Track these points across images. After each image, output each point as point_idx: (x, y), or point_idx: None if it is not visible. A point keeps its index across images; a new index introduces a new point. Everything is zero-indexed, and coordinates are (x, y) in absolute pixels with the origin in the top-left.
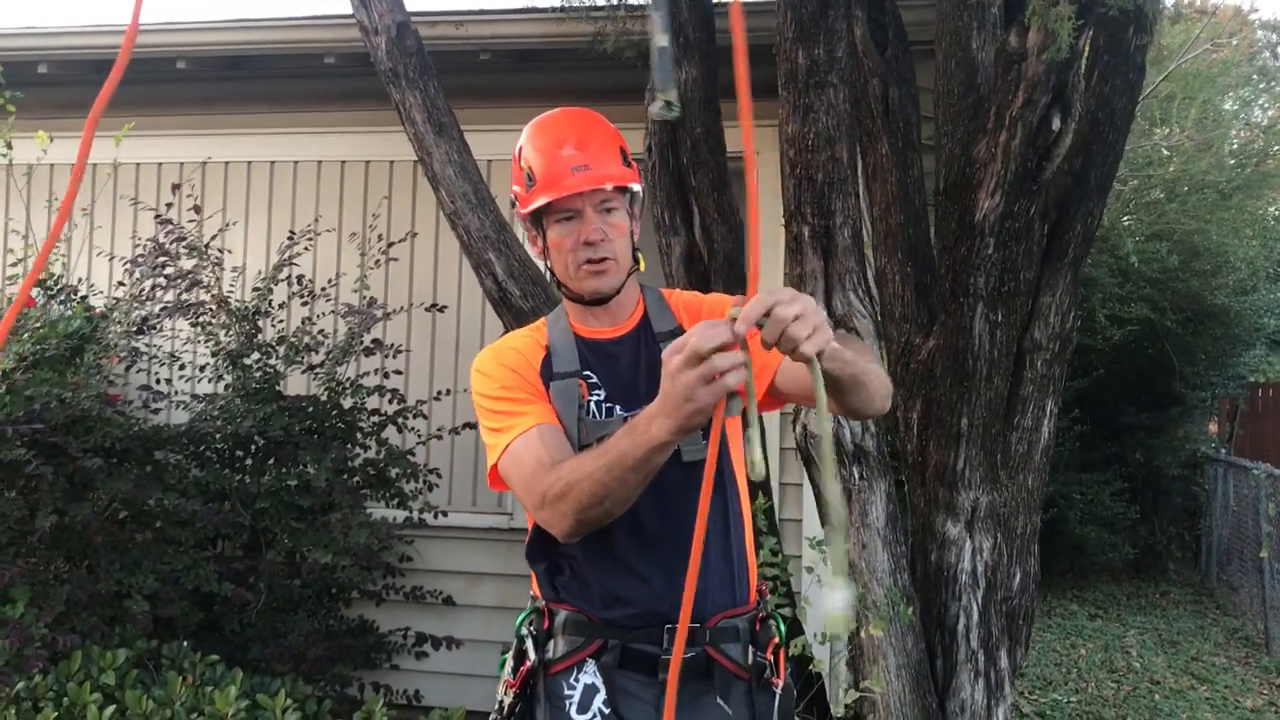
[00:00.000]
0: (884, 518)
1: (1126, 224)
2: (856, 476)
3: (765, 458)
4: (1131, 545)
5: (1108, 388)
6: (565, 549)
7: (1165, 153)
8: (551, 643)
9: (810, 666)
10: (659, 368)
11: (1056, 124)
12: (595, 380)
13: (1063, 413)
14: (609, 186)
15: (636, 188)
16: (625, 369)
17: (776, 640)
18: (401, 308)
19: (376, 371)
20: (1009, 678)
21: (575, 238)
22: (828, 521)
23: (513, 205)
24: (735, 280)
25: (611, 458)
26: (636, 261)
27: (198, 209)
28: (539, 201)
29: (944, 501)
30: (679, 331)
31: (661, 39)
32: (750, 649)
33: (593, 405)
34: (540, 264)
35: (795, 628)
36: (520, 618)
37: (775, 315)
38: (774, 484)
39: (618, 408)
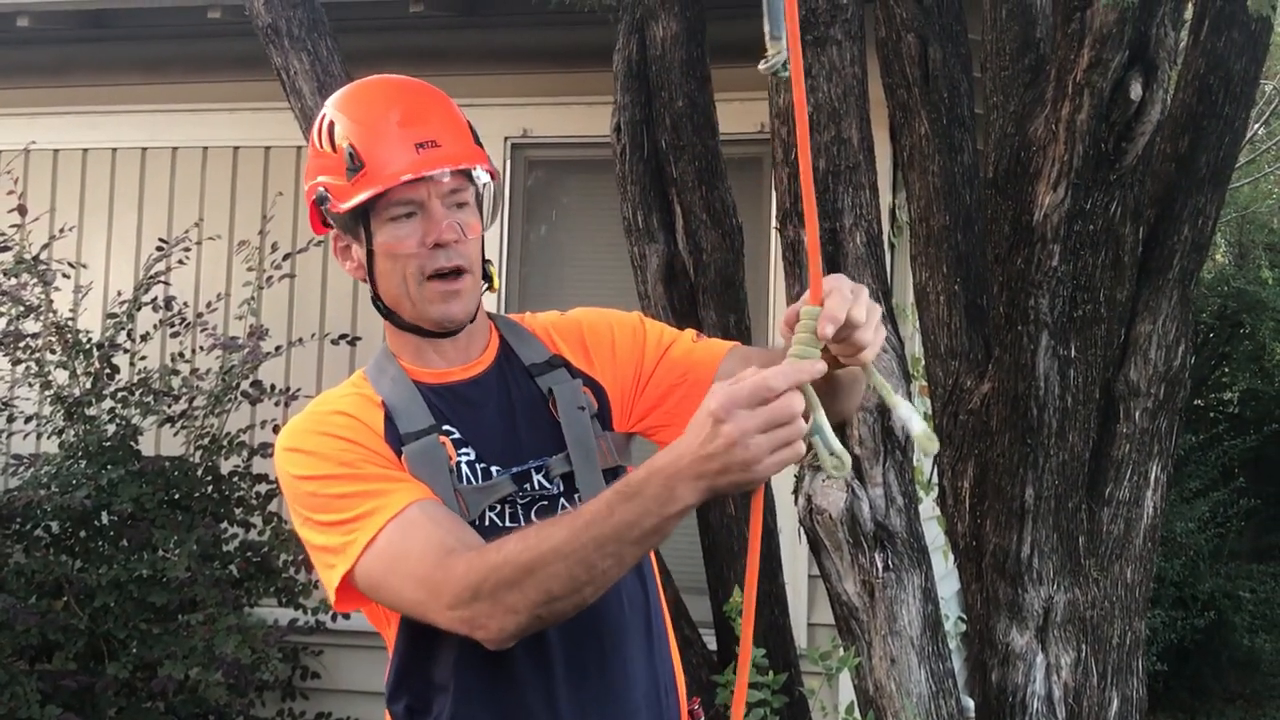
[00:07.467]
0: (919, 623)
1: None
2: (880, 567)
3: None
4: None
5: None
6: (437, 678)
7: None
8: None
9: None
10: (541, 408)
11: (1137, 91)
12: (458, 435)
13: (1224, 481)
14: (446, 175)
15: (487, 178)
16: (493, 417)
17: None
18: (302, 339)
19: (267, 424)
20: None
21: (419, 239)
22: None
23: (320, 204)
24: (730, 300)
25: (605, 530)
26: (489, 277)
27: (22, 210)
28: (369, 192)
29: (1006, 601)
30: (559, 362)
31: None
32: None
33: (464, 467)
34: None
35: None
36: None
37: (850, 319)
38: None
39: (495, 468)
